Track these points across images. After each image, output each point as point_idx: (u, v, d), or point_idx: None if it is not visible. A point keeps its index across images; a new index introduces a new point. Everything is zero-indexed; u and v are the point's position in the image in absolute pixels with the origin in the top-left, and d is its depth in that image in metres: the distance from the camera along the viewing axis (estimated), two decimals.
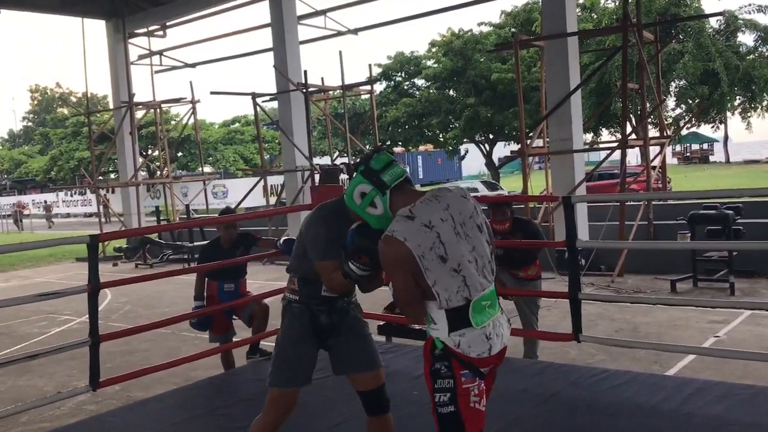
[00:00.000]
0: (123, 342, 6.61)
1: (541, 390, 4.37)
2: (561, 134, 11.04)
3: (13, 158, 50.08)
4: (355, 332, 3.15)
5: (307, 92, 14.77)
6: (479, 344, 2.48)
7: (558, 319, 7.24)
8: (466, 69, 24.49)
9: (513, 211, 5.60)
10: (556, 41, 10.97)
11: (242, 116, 42.03)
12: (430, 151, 38.97)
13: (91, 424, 4.57)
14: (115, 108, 19.18)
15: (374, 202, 2.58)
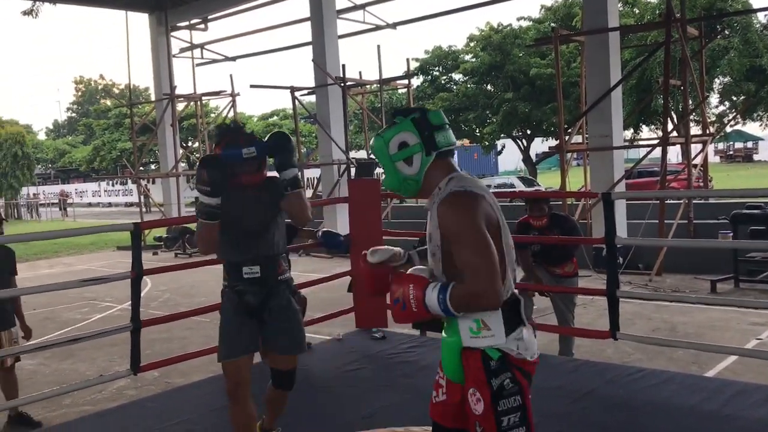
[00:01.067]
0: (162, 329, 6.77)
1: (577, 387, 4.35)
2: (600, 130, 10.91)
3: (58, 148, 51.25)
4: (284, 315, 3.29)
5: (345, 86, 14.83)
6: (532, 344, 2.17)
7: (594, 317, 7.18)
8: (504, 64, 24.29)
9: (551, 207, 5.57)
10: (597, 36, 10.83)
11: (280, 110, 42.35)
12: (467, 146, 38.74)
13: (131, 408, 4.68)
14: (156, 100, 19.49)
15: (413, 158, 2.20)
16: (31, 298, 7.97)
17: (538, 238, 5.48)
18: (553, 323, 5.78)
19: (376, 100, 23.75)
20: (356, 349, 5.57)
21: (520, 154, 28.06)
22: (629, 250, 9.81)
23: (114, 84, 65.13)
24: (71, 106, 69.15)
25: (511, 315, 2.12)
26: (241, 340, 3.24)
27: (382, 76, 16.02)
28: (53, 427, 4.70)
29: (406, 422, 3.89)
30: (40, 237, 6.92)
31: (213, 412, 4.29)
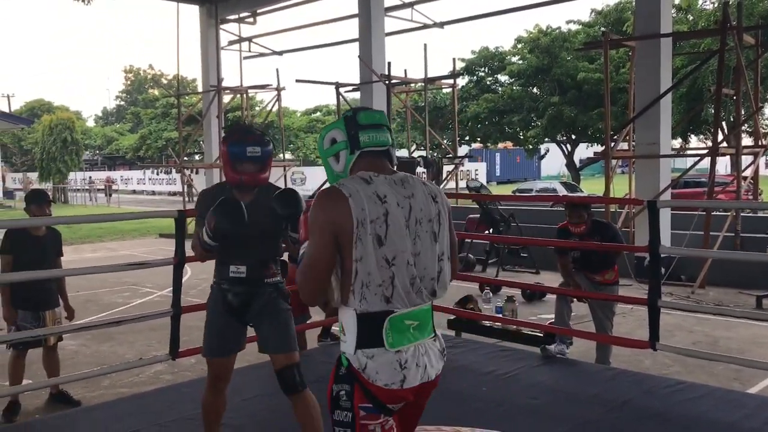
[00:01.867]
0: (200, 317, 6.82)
1: (612, 396, 4.29)
2: (648, 138, 10.72)
3: (106, 135, 52.40)
4: (271, 315, 3.27)
5: (390, 84, 14.84)
6: (389, 372, 2.02)
7: (633, 327, 7.06)
8: (551, 67, 24.05)
9: (591, 214, 5.48)
10: (649, 42, 10.64)
11: (324, 105, 42.62)
12: (510, 149, 38.51)
13: (168, 392, 4.76)
14: (203, 91, 19.76)
15: (339, 155, 2.18)
16: (74, 280, 8.14)
17: (579, 243, 5.41)
18: (591, 330, 5.70)
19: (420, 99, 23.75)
20: None
21: (564, 159, 27.74)
22: (672, 260, 9.62)
23: (162, 74, 66.31)
24: (120, 95, 70.65)
25: (366, 331, 2.03)
26: (226, 341, 3.29)
27: (428, 75, 15.99)
28: (92, 406, 4.81)
29: (436, 421, 3.88)
30: (88, 220, 7.09)
31: (246, 401, 4.35)
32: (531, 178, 39.11)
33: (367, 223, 2.00)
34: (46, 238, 5.06)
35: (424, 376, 2.09)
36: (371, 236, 2.01)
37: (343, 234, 2.00)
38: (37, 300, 4.93)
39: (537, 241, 9.92)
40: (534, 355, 5.30)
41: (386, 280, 2.02)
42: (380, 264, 2.02)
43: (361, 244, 2.00)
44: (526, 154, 30.52)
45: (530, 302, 8.65)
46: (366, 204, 2.01)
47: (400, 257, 2.04)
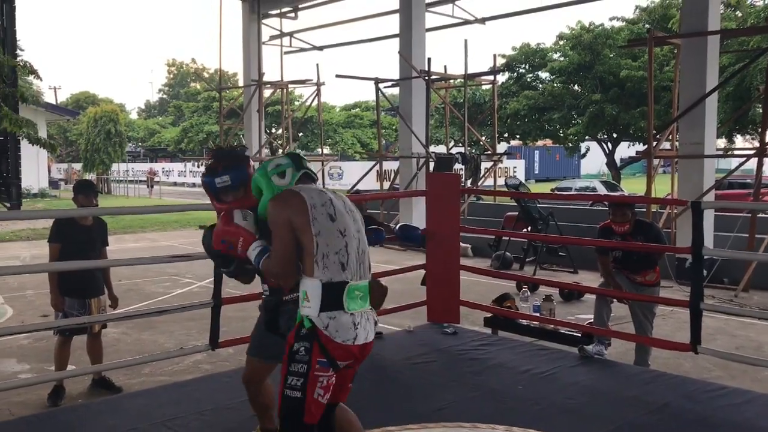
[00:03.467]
0: (238, 308, 6.92)
1: (652, 399, 4.23)
2: (692, 138, 10.51)
3: (148, 127, 53.23)
4: None
5: (429, 80, 14.80)
6: (346, 330, 2.53)
7: (673, 329, 6.95)
8: (593, 64, 23.69)
9: (635, 213, 5.41)
10: (695, 40, 10.42)
11: (363, 101, 42.69)
12: (549, 147, 38.09)
13: (207, 381, 4.84)
14: (245, 86, 19.96)
15: (285, 172, 2.73)
16: (117, 270, 8.32)
17: (621, 243, 5.34)
18: (630, 332, 5.63)
19: (459, 95, 23.67)
20: (426, 343, 5.58)
21: (604, 157, 27.35)
22: (714, 263, 9.44)
23: (204, 68, 67.09)
24: (163, 88, 71.60)
25: (329, 297, 2.53)
26: (266, 347, 3.28)
27: (467, 71, 15.91)
28: (133, 393, 4.92)
29: (472, 419, 3.88)
30: (134, 211, 7.24)
31: None
32: (570, 176, 38.66)
33: (318, 206, 2.59)
34: (93, 227, 5.18)
35: (367, 337, 2.62)
36: (324, 215, 2.59)
37: (299, 220, 2.55)
38: (84, 288, 5.05)
39: (576, 240, 9.84)
40: (571, 355, 5.26)
41: (342, 248, 2.59)
42: (336, 235, 2.59)
43: (317, 222, 2.56)
44: (565, 152, 30.15)
45: (568, 302, 8.57)
46: (314, 194, 2.62)
47: (349, 231, 2.64)
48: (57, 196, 29.82)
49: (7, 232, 16.33)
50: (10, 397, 4.95)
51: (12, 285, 9.67)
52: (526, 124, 26.68)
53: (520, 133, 27.68)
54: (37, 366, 5.92)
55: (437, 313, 6.08)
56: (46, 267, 5.34)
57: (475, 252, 12.63)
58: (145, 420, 3.90)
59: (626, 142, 26.83)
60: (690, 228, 4.61)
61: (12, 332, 6.15)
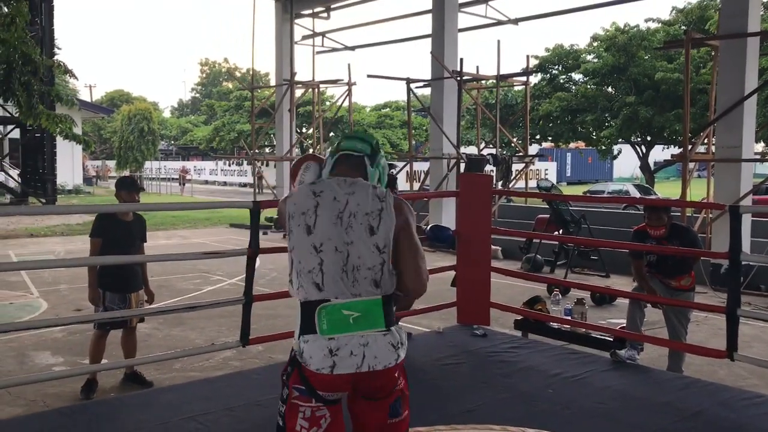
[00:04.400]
0: (268, 306, 6.97)
1: (685, 405, 4.15)
2: (729, 141, 10.32)
3: (181, 126, 53.87)
4: None
5: (461, 80, 14.75)
6: (319, 357, 2.18)
7: (707, 336, 6.83)
8: (628, 66, 23.39)
9: (671, 217, 5.32)
10: (734, 41, 10.23)
11: (393, 101, 42.68)
12: (581, 149, 37.71)
13: (236, 378, 4.87)
14: (277, 85, 20.09)
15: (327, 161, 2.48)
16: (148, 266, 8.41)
17: (655, 247, 5.25)
18: (663, 337, 5.54)
19: (491, 96, 23.55)
20: (456, 344, 5.55)
21: (638, 160, 26.99)
22: (751, 269, 9.25)
23: (237, 68, 67.69)
24: (195, 87, 72.43)
25: (304, 318, 2.24)
26: None
27: (500, 72, 15.82)
28: (164, 388, 4.97)
29: (502, 421, 3.84)
30: (166, 207, 7.32)
31: None
32: (603, 179, 38.23)
33: (297, 215, 2.29)
34: (133, 223, 5.26)
35: (361, 366, 2.19)
36: (301, 227, 2.28)
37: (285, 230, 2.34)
38: (125, 282, 5.14)
39: (608, 243, 9.71)
40: (603, 359, 5.19)
41: (315, 267, 2.24)
42: (309, 251, 2.26)
43: (293, 235, 2.29)
44: (598, 154, 29.82)
45: (600, 306, 8.47)
46: (300, 198, 2.32)
47: (327, 244, 2.25)
48: (91, 193, 30.32)
49: (42, 228, 16.64)
50: (45, 389, 5.04)
51: (47, 279, 9.85)
52: (559, 125, 26.46)
53: (553, 134, 27.46)
54: (70, 359, 6.02)
55: (467, 315, 6.05)
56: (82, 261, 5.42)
57: (506, 254, 12.55)
58: (175, 415, 3.94)
59: (660, 145, 26.46)
60: (726, 233, 4.53)
61: (47, 325, 6.28)
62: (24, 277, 9.94)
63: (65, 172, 26.73)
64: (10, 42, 9.97)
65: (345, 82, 18.56)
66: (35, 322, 7.02)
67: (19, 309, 8.14)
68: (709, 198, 11.26)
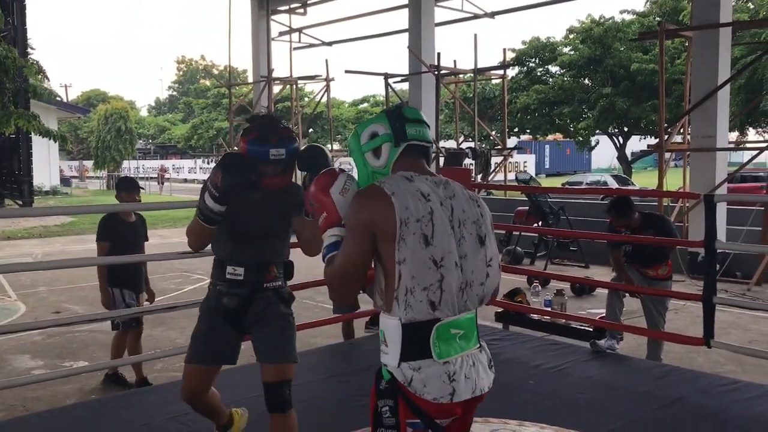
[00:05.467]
0: None
1: (665, 393, 4.21)
2: (704, 131, 10.44)
3: (158, 125, 53.48)
4: (265, 320, 2.94)
5: (439, 74, 14.77)
6: (438, 385, 1.88)
7: (685, 324, 6.91)
8: (604, 57, 23.58)
9: (633, 210, 5.29)
10: (706, 32, 10.34)
11: (371, 96, 42.69)
12: (559, 141, 37.96)
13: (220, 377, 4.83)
14: (254, 82, 20.01)
15: (381, 149, 2.04)
16: None
17: (631, 237, 5.31)
18: (642, 326, 5.60)
19: (469, 89, 23.60)
20: None
21: (615, 151, 27.24)
22: (727, 257, 9.37)
23: (214, 65, 67.27)
24: (173, 85, 71.87)
25: (412, 342, 1.89)
26: (212, 348, 2.95)
27: (477, 66, 15.86)
28: (145, 388, 4.94)
29: (484, 413, 3.87)
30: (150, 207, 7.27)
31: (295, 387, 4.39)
32: (581, 170, 38.54)
33: (412, 222, 1.88)
34: (137, 223, 5.26)
35: (475, 390, 1.95)
36: (417, 235, 1.88)
37: (384, 235, 1.89)
38: (135, 282, 5.14)
39: (587, 234, 9.81)
40: (583, 349, 5.24)
41: (434, 283, 1.89)
42: (427, 265, 1.88)
43: (404, 245, 1.87)
44: (576, 146, 30.06)
45: (579, 296, 8.54)
46: (410, 202, 1.90)
47: (448, 258, 1.91)
48: (69, 194, 29.99)
49: (20, 230, 16.45)
50: (25, 393, 4.99)
51: (24, 282, 9.74)
52: (537, 118, 26.61)
53: (531, 127, 27.62)
54: (50, 362, 5.97)
55: None
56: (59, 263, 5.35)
57: None
58: (158, 415, 3.92)
59: (637, 135, 26.73)
60: (702, 222, 4.59)
61: (26, 329, 6.21)
62: (1, 280, 9.82)
63: (42, 173, 26.39)
64: None
65: (323, 77, 18.53)
66: (13, 326, 6.94)
67: None
68: (685, 187, 11.39)
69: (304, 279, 7.81)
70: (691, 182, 10.91)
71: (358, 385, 4.15)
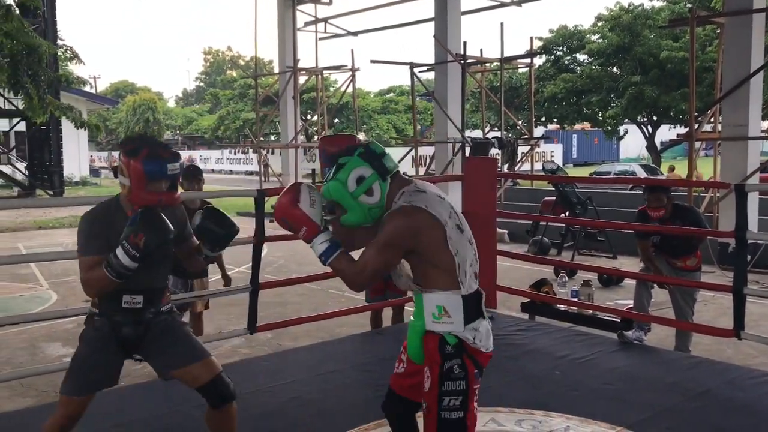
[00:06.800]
0: (276, 293, 7.02)
1: (693, 385, 4.17)
2: (736, 119, 10.25)
3: (185, 115, 53.85)
4: (168, 334, 2.88)
5: (465, 63, 14.68)
6: (487, 338, 2.39)
7: (714, 315, 6.82)
8: (633, 45, 23.23)
9: (671, 198, 5.28)
10: (739, 18, 10.14)
11: (397, 86, 42.56)
12: (587, 130, 37.53)
13: (245, 365, 4.90)
14: (280, 72, 20.04)
15: (372, 188, 2.33)
16: None
17: (660, 227, 5.24)
18: (671, 317, 5.54)
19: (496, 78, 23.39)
20: None
21: (644, 140, 26.87)
22: (758, 248, 9.22)
23: (240, 56, 67.54)
24: (200, 76, 72.29)
25: (472, 308, 2.34)
26: (97, 377, 2.84)
27: (504, 55, 15.72)
28: None
29: (510, 404, 3.86)
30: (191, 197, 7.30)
31: (319, 377, 4.44)
32: (609, 160, 38.09)
33: (448, 220, 2.31)
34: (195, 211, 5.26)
35: None
36: (454, 229, 2.33)
37: (434, 242, 2.29)
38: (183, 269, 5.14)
39: (615, 225, 9.69)
40: (610, 340, 5.20)
41: (473, 258, 2.39)
42: (467, 245, 2.37)
43: (452, 240, 2.30)
44: (604, 135, 29.69)
45: (607, 287, 8.47)
46: (439, 207, 2.31)
47: (471, 237, 2.41)
48: (98, 184, 30.41)
49: (51, 219, 16.72)
50: (56, 380, 5.07)
51: (56, 271, 9.90)
52: (564, 107, 26.34)
53: (558, 116, 27.34)
54: None
55: None
56: None
57: (512, 237, 12.54)
58: (187, 402, 3.96)
59: (666, 124, 26.33)
60: (733, 212, 4.51)
61: (58, 316, 6.33)
62: (34, 270, 10.01)
63: (72, 163, 26.80)
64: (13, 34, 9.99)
65: (348, 67, 18.50)
66: (46, 314, 7.07)
67: (29, 301, 8.20)
68: (715, 177, 11.21)
69: None
70: (722, 172, 10.74)
71: (383, 374, 4.16)
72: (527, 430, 3.55)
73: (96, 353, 2.81)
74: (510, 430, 3.54)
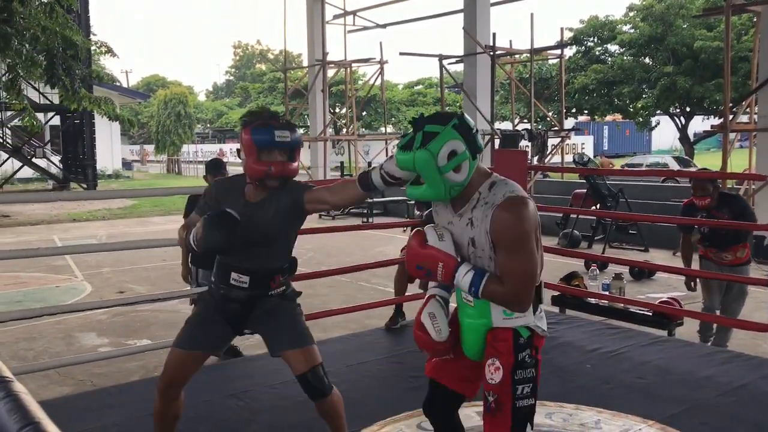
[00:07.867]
0: (306, 285, 7.02)
1: (727, 379, 4.10)
2: None
3: (216, 109, 54.34)
4: (275, 315, 2.87)
5: (494, 55, 14.58)
6: (545, 323, 2.38)
7: (750, 309, 6.66)
8: (665, 35, 22.87)
9: (717, 187, 5.15)
10: None
11: (426, 78, 42.43)
12: (618, 122, 37.07)
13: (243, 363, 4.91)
14: (309, 65, 20.12)
15: (461, 166, 2.15)
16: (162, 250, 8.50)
17: (701, 221, 5.11)
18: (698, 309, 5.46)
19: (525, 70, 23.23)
20: None
21: (677, 132, 26.46)
22: None
23: (269, 49, 67.87)
24: (229, 70, 72.81)
25: (537, 297, 2.30)
26: (196, 334, 2.84)
27: (534, 46, 15.59)
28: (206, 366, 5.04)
29: (540, 397, 3.82)
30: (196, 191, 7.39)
31: (349, 368, 4.45)
32: (641, 152, 37.59)
33: None
34: None
35: None
36: None
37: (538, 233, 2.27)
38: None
39: (647, 217, 9.58)
40: (642, 334, 5.14)
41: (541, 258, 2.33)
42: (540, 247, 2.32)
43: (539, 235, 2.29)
44: (636, 126, 29.30)
45: (638, 280, 8.37)
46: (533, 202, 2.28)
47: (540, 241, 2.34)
48: (130, 177, 30.83)
49: (84, 212, 17.01)
50: (92, 369, 5.18)
51: (90, 263, 10.08)
52: (595, 98, 26.05)
53: (589, 108, 27.05)
54: (115, 340, 6.17)
55: None
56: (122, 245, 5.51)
57: (543, 230, 12.39)
58: (218, 392, 4.02)
59: (700, 115, 25.90)
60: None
61: (92, 307, 6.44)
62: (69, 261, 10.19)
63: (104, 157, 27.20)
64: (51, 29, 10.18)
65: (377, 60, 18.51)
66: (80, 305, 7.19)
67: (64, 292, 8.36)
68: (751, 168, 11.01)
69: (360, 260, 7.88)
70: (758, 163, 10.54)
71: (413, 365, 4.17)
72: (558, 423, 3.53)
73: (201, 313, 2.91)
74: (541, 423, 3.52)
